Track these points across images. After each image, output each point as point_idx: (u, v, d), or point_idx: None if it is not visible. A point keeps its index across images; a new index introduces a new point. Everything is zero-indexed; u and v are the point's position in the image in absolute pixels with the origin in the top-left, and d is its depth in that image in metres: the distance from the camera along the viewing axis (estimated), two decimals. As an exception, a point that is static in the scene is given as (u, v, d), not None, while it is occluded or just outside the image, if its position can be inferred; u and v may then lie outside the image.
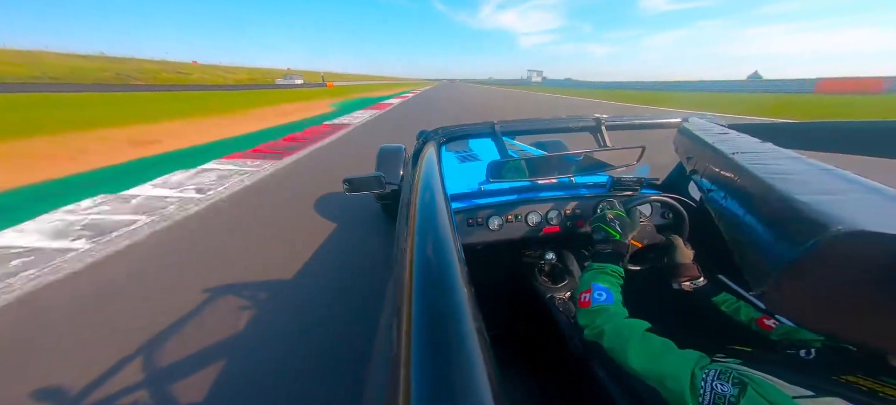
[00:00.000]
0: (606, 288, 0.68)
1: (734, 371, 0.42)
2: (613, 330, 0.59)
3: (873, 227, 0.32)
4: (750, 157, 0.60)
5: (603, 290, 0.67)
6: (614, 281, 0.71)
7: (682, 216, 1.06)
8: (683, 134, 0.94)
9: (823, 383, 0.39)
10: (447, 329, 0.28)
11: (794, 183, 0.45)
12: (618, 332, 0.59)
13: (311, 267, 2.15)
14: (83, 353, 1.49)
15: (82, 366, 1.41)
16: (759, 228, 0.46)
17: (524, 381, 1.01)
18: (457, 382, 0.24)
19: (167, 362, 1.44)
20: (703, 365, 0.47)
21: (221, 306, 1.80)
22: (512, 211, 1.16)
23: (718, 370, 0.44)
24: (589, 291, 0.68)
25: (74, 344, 1.55)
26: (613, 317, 0.62)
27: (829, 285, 0.36)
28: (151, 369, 1.41)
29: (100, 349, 1.51)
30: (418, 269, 0.37)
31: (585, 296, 0.68)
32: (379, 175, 1.36)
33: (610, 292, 0.67)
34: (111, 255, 2.30)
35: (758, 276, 0.43)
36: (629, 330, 0.58)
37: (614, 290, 0.68)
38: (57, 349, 1.53)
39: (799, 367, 0.45)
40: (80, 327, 1.66)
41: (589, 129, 1.19)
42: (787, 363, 0.48)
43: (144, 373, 1.40)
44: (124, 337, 1.57)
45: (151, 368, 1.42)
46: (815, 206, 0.38)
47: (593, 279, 0.71)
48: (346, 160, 5.05)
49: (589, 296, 0.67)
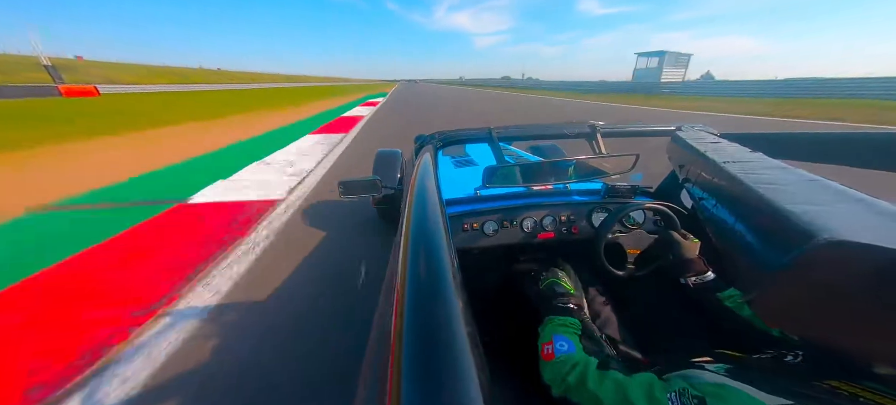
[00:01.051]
0: (567, 339, 0.68)
1: (690, 389, 0.43)
2: (578, 380, 0.58)
3: (856, 238, 0.33)
4: (740, 166, 0.61)
5: (564, 341, 0.67)
6: (572, 332, 0.71)
7: (674, 224, 1.07)
8: (676, 142, 0.96)
9: (805, 389, 0.40)
10: (438, 334, 0.28)
11: (782, 192, 0.46)
12: (583, 381, 0.57)
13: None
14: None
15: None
16: (747, 236, 0.47)
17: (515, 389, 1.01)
18: (447, 389, 0.24)
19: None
20: (658, 385, 0.47)
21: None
22: (507, 216, 1.17)
23: (678, 390, 0.45)
24: (551, 343, 0.68)
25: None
26: (576, 367, 0.61)
27: (813, 293, 0.36)
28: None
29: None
30: (411, 274, 0.37)
31: (548, 348, 0.68)
32: (375, 178, 1.35)
33: (571, 343, 0.67)
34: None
35: (746, 283, 0.43)
36: (593, 375, 0.57)
37: (574, 341, 0.68)
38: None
39: (784, 372, 0.46)
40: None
41: (584, 135, 1.20)
42: (773, 369, 0.49)
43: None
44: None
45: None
46: (800, 216, 0.39)
47: (553, 331, 0.72)
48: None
49: (552, 348, 0.67)
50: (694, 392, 0.43)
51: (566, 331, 0.71)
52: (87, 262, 2.14)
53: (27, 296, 1.83)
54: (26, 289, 1.88)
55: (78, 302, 1.77)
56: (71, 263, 2.12)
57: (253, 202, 3.15)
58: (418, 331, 0.29)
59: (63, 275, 2.01)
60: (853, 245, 0.33)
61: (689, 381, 0.46)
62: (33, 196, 3.26)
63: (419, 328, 0.29)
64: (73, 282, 1.93)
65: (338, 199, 1.38)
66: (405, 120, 10.14)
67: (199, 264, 2.10)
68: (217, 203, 3.12)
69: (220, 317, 1.66)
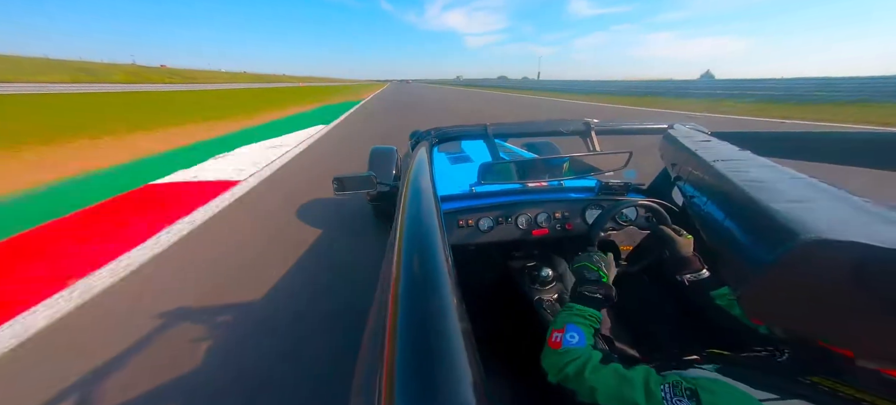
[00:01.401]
0: (581, 330, 0.65)
1: (685, 383, 0.45)
2: (576, 372, 0.57)
3: (837, 235, 0.34)
4: (729, 164, 0.62)
5: (577, 333, 0.65)
6: (588, 325, 0.68)
7: (666, 221, 1.09)
8: (668, 140, 0.97)
9: (790, 385, 0.41)
10: (433, 330, 0.29)
11: (768, 190, 0.47)
12: (581, 374, 0.57)
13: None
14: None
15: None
16: (736, 234, 0.48)
17: (510, 384, 1.02)
18: (442, 383, 0.24)
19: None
20: (654, 378, 0.49)
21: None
22: (502, 213, 1.18)
23: (672, 383, 0.46)
24: (562, 331, 0.65)
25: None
26: (578, 361, 0.59)
27: (798, 290, 0.37)
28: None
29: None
30: (406, 270, 0.37)
31: (557, 335, 0.65)
32: (370, 175, 1.35)
33: (583, 336, 0.64)
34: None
35: (735, 281, 0.44)
36: (592, 368, 0.57)
37: (588, 334, 0.65)
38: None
39: (769, 369, 0.48)
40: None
41: (579, 133, 1.21)
42: (758, 366, 0.51)
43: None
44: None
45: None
46: (785, 214, 0.40)
47: (569, 319, 0.68)
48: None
49: (561, 337, 0.64)
50: (687, 385, 0.44)
51: (583, 323, 0.67)
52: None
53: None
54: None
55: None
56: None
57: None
58: (413, 327, 0.29)
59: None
60: (835, 242, 0.34)
61: (683, 376, 0.47)
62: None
63: (414, 324, 0.30)
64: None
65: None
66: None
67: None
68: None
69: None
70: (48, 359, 1.51)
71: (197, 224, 2.87)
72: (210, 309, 1.83)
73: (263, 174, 4.38)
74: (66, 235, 2.62)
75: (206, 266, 2.27)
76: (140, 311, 1.78)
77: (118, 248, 2.40)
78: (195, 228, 2.80)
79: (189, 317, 1.75)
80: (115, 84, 33.23)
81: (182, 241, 2.58)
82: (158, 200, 3.43)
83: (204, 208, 3.19)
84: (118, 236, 2.60)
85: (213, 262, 2.32)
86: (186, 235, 2.67)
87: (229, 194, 3.61)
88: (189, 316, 1.77)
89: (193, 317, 1.75)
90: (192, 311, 1.80)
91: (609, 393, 0.52)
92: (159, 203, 3.34)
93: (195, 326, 1.69)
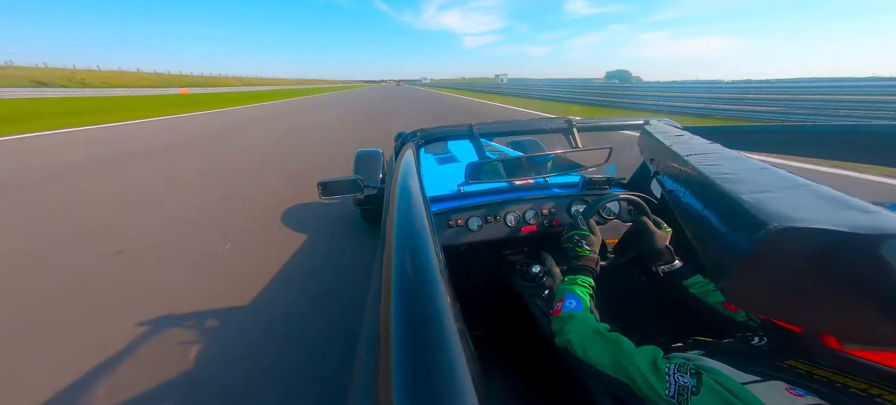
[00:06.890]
0: (577, 297, 0.74)
1: (690, 363, 0.48)
2: (579, 335, 0.64)
3: (803, 223, 0.36)
4: (701, 158, 0.65)
5: (573, 299, 0.73)
6: (584, 290, 0.76)
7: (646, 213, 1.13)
8: (645, 135, 1.00)
9: (768, 369, 0.43)
10: (429, 330, 0.29)
11: (739, 182, 0.50)
12: (582, 336, 0.63)
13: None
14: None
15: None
16: (712, 224, 0.50)
17: (507, 380, 1.03)
18: (440, 383, 0.24)
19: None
20: (662, 357, 0.51)
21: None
22: (490, 211, 1.19)
23: (678, 363, 0.49)
24: (562, 300, 0.74)
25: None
26: (579, 323, 0.67)
27: (772, 277, 0.39)
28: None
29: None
30: (398, 272, 0.37)
31: (559, 305, 0.74)
32: (356, 178, 1.33)
33: (580, 301, 0.72)
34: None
35: (716, 271, 0.46)
36: (592, 333, 0.63)
37: (584, 298, 0.73)
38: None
39: (750, 354, 0.50)
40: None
41: (561, 130, 1.24)
42: (740, 352, 0.54)
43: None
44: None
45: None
46: (755, 204, 0.42)
47: (566, 290, 0.77)
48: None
49: (561, 305, 0.73)
50: (693, 366, 0.47)
51: (578, 289, 0.76)
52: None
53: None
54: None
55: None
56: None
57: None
58: (408, 330, 0.29)
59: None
60: (801, 230, 0.36)
61: (687, 357, 0.50)
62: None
63: (409, 326, 0.30)
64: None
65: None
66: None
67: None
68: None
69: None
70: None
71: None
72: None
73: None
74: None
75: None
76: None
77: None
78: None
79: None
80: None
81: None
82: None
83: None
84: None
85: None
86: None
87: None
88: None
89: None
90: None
91: (613, 357, 0.57)
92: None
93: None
